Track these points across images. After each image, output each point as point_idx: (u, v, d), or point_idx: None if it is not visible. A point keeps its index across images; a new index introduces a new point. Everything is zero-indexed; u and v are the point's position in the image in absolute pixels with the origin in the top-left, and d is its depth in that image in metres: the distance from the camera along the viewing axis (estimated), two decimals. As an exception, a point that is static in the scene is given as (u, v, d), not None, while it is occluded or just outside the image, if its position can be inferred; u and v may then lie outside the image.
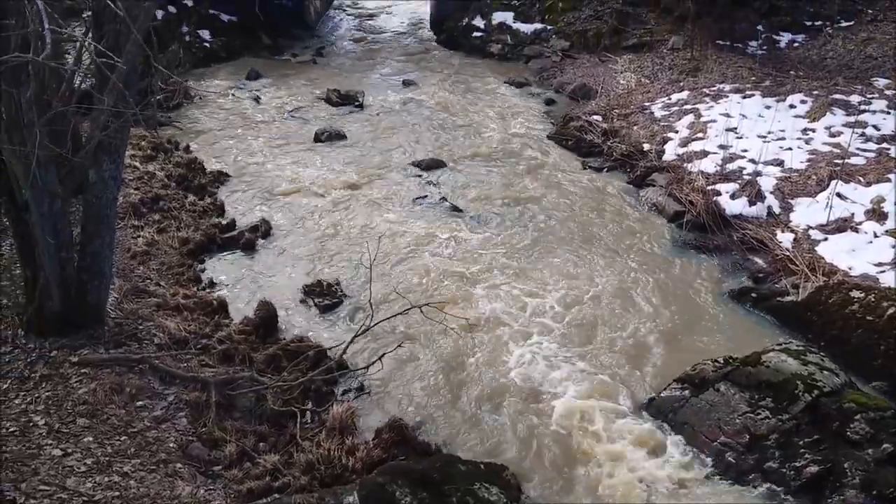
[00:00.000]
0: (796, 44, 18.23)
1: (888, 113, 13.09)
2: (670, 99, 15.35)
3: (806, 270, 9.16)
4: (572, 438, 7.05)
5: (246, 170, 13.06)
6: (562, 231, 10.97)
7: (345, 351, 7.73)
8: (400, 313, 8.11)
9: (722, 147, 12.54)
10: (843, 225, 9.95)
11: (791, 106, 13.91)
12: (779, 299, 9.03)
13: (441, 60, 20.87)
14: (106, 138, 6.65)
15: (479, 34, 21.70)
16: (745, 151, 12.33)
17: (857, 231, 9.76)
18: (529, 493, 6.46)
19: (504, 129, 15.24)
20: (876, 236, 9.60)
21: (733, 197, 10.97)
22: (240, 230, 10.69)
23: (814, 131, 12.86)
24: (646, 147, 13.33)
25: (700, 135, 13.23)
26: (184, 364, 7.39)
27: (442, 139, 14.71)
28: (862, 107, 13.33)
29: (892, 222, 9.78)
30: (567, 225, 11.16)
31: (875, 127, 12.64)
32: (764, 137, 12.72)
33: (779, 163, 11.86)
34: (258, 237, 10.56)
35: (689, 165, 12.11)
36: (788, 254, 9.66)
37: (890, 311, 7.95)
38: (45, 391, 6.46)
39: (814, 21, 18.89)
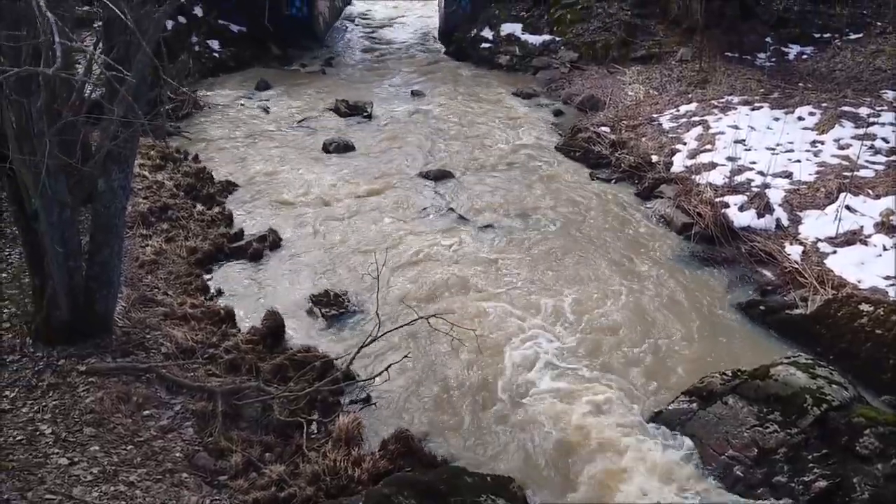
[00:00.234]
0: (805, 56, 18.22)
1: (897, 125, 13.06)
2: (679, 110, 15.34)
3: (815, 283, 9.11)
4: (579, 451, 7.01)
5: (254, 179, 13.10)
6: (569, 242, 10.96)
7: (351, 361, 7.72)
8: (407, 324, 8.11)
9: (730, 159, 12.51)
10: (852, 238, 9.90)
11: (800, 118, 13.89)
12: (787, 312, 8.99)
13: (449, 71, 20.93)
14: (115, 148, 6.68)
15: (488, 45, 21.77)
16: (754, 163, 12.30)
17: (867, 244, 9.71)
18: (536, 506, 6.44)
19: (512, 140, 15.26)
20: (885, 249, 9.54)
21: (742, 209, 10.94)
22: (248, 240, 10.71)
23: (822, 143, 12.83)
24: (654, 158, 13.31)
25: (708, 146, 13.21)
26: (190, 373, 7.40)
27: (450, 150, 14.73)
28: (871, 119, 13.29)
29: (902, 235, 9.74)
30: (575, 236, 11.14)
31: (884, 139, 12.57)
32: (772, 149, 12.68)
33: (787, 175, 11.83)
34: (266, 247, 10.58)
35: (698, 177, 12.09)
36: (797, 266, 9.61)
37: (899, 325, 7.91)
38: (53, 400, 6.47)
39: (822, 33, 18.88)
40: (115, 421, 6.38)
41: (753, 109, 14.55)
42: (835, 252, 9.76)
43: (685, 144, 13.60)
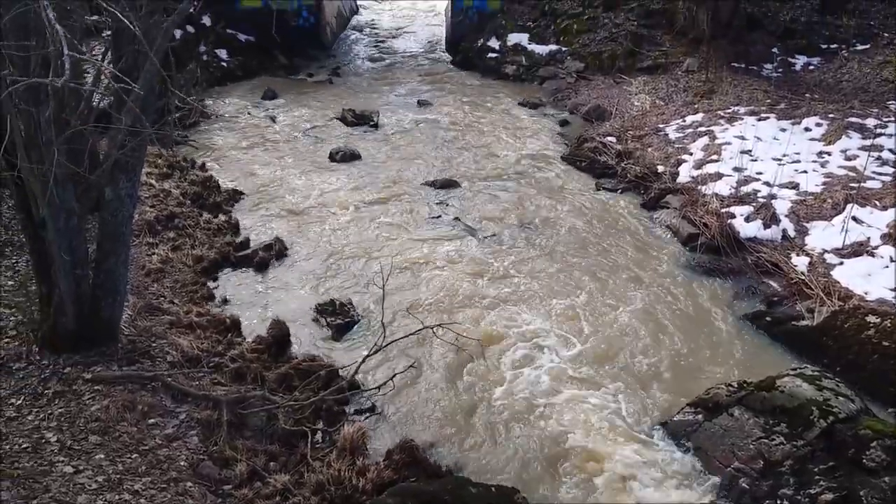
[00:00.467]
0: (812, 67, 18.21)
1: (904, 136, 13.04)
2: (685, 121, 15.33)
3: (821, 295, 9.09)
4: (584, 462, 7.00)
5: (261, 188, 13.13)
6: (575, 252, 10.95)
7: (356, 371, 7.73)
8: (412, 333, 8.13)
9: (736, 169, 12.50)
10: (859, 249, 9.87)
11: (806, 129, 13.88)
12: (793, 323, 8.97)
13: (456, 81, 20.97)
14: (123, 157, 6.71)
15: (494, 55, 21.79)
16: (760, 174, 12.29)
17: (874, 255, 9.67)
18: (540, 517, 6.43)
19: (518, 150, 15.27)
20: (892, 261, 9.51)
21: (748, 220, 10.92)
22: (254, 248, 10.73)
23: (829, 154, 12.81)
24: (660, 169, 13.31)
25: (714, 157, 13.20)
26: (196, 382, 7.41)
27: (456, 159, 14.75)
28: (878, 130, 13.27)
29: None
30: (581, 246, 11.14)
31: (891, 150, 12.56)
32: (779, 160, 12.66)
33: (794, 186, 11.81)
34: (272, 256, 10.60)
35: (704, 188, 12.07)
36: (803, 277, 9.59)
37: (906, 337, 7.89)
38: (58, 408, 6.48)
39: (829, 44, 18.88)
40: (121, 429, 6.39)
41: (760, 120, 14.54)
42: (841, 263, 9.73)
43: (691, 155, 13.59)
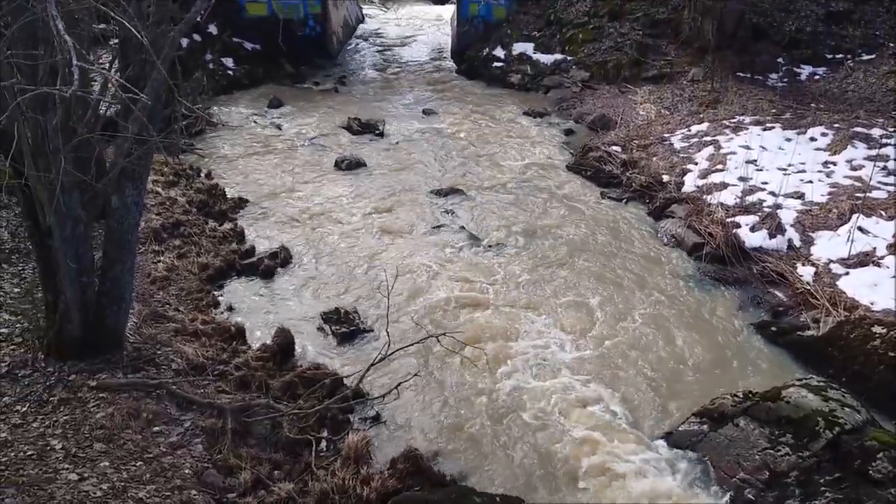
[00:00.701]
0: (817, 76, 18.22)
1: (910, 147, 13.02)
2: (690, 130, 15.34)
3: (827, 305, 9.06)
4: (589, 472, 6.98)
5: (266, 196, 13.16)
6: (580, 261, 10.94)
7: (361, 379, 7.73)
8: (417, 342, 8.12)
9: (742, 179, 12.50)
10: (865, 259, 9.85)
11: (812, 139, 13.87)
12: (799, 334, 8.94)
13: (461, 90, 21.02)
14: (129, 165, 6.73)
15: (500, 64, 21.86)
16: (766, 184, 12.28)
17: (879, 266, 9.65)
18: (545, 527, 6.40)
19: (523, 159, 15.29)
20: (898, 271, 9.50)
21: (753, 229, 10.91)
22: (259, 256, 10.75)
23: (835, 164, 12.80)
24: (665, 178, 13.31)
25: (720, 167, 13.20)
26: (201, 390, 7.41)
27: (461, 168, 14.77)
28: (883, 140, 13.25)
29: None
30: (586, 255, 11.13)
31: (897, 160, 12.57)
32: (784, 170, 12.66)
33: (799, 196, 11.80)
34: (277, 264, 10.62)
35: (709, 197, 12.07)
36: (809, 288, 9.57)
37: (913, 348, 7.85)
38: (63, 415, 6.49)
39: (835, 54, 18.89)
40: (125, 437, 6.39)
41: (765, 130, 14.54)
42: (847, 273, 9.71)
43: (696, 164, 13.59)
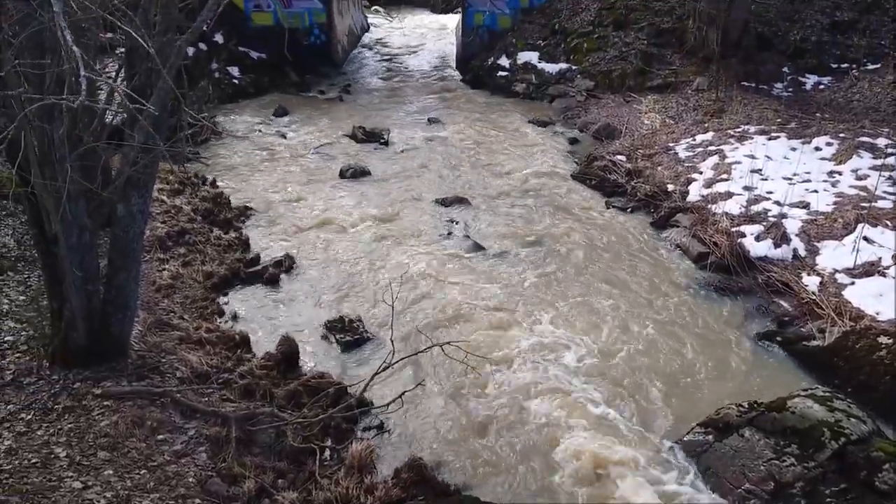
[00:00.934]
0: (822, 86, 18.22)
1: (916, 156, 13.00)
2: (695, 140, 15.34)
3: (832, 315, 9.04)
4: (593, 483, 6.96)
5: (271, 205, 13.19)
6: (585, 271, 10.94)
7: (365, 388, 7.72)
8: (421, 351, 8.12)
9: (747, 188, 12.49)
10: (871, 269, 9.83)
11: (817, 148, 13.86)
12: (804, 343, 8.91)
13: (466, 99, 21.06)
14: (135, 173, 6.75)
15: (504, 73, 21.90)
16: (771, 193, 12.27)
17: (885, 275, 9.62)
18: (549, 537, 6.39)
19: (528, 168, 15.29)
20: (904, 281, 9.48)
21: (758, 239, 10.90)
22: (264, 265, 10.77)
23: (840, 174, 12.78)
24: (670, 188, 13.30)
25: (725, 176, 13.20)
26: (205, 398, 7.41)
27: (466, 177, 14.79)
28: (889, 150, 13.24)
29: (921, 267, 9.66)
30: (590, 265, 11.12)
31: (902, 170, 12.54)
32: (789, 179, 12.65)
33: (804, 205, 11.78)
34: (282, 272, 10.64)
35: (714, 207, 12.06)
36: (814, 297, 9.55)
37: (919, 358, 7.83)
38: (68, 423, 6.50)
39: (840, 63, 18.88)
40: (130, 445, 6.40)
41: (770, 139, 14.53)
42: (853, 283, 9.69)
43: (701, 173, 13.59)
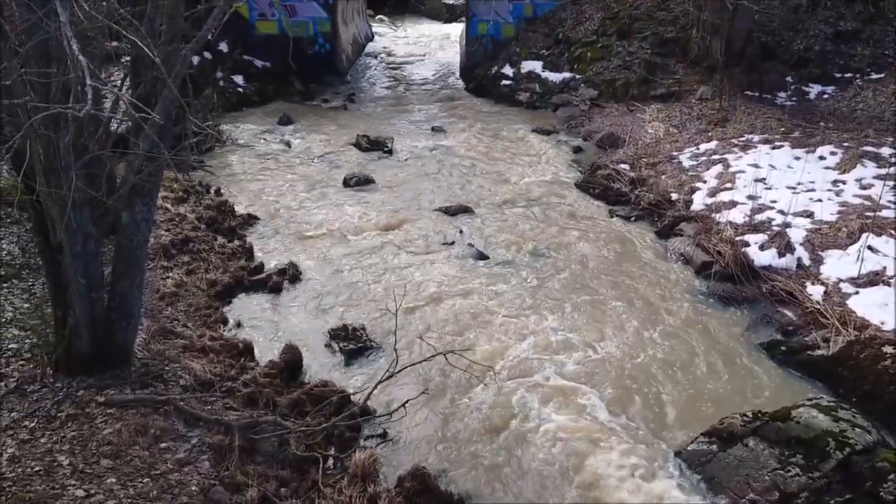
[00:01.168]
0: (826, 95, 18.21)
1: (920, 165, 12.98)
2: (698, 149, 15.33)
3: (837, 324, 9.02)
4: (596, 491, 6.94)
5: (275, 213, 13.21)
6: (589, 280, 10.93)
7: (368, 397, 7.71)
8: (425, 360, 8.11)
9: (751, 198, 12.48)
10: (875, 278, 9.80)
11: (821, 157, 13.84)
12: (809, 353, 8.89)
13: (470, 108, 21.09)
14: (140, 181, 6.77)
15: (508, 82, 21.93)
16: (775, 202, 12.25)
17: (889, 285, 9.59)
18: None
19: (531, 177, 15.29)
20: (909, 290, 9.45)
21: (762, 248, 10.88)
22: (268, 273, 10.78)
23: (844, 183, 12.76)
24: (674, 196, 13.29)
25: (728, 185, 13.19)
26: (208, 406, 7.41)
27: (469, 185, 14.80)
28: (893, 159, 13.21)
29: (926, 277, 9.63)
30: (594, 274, 11.11)
31: (906, 179, 12.52)
32: (793, 188, 12.64)
33: (808, 214, 11.77)
34: (285, 280, 10.64)
35: (718, 216, 12.05)
36: (819, 307, 9.52)
37: (924, 368, 7.80)
38: (71, 431, 6.50)
39: (843, 73, 18.88)
40: (132, 453, 6.39)
41: (774, 148, 14.51)
42: (857, 293, 9.66)
43: (705, 183, 13.58)
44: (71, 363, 7.12)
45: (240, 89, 20.84)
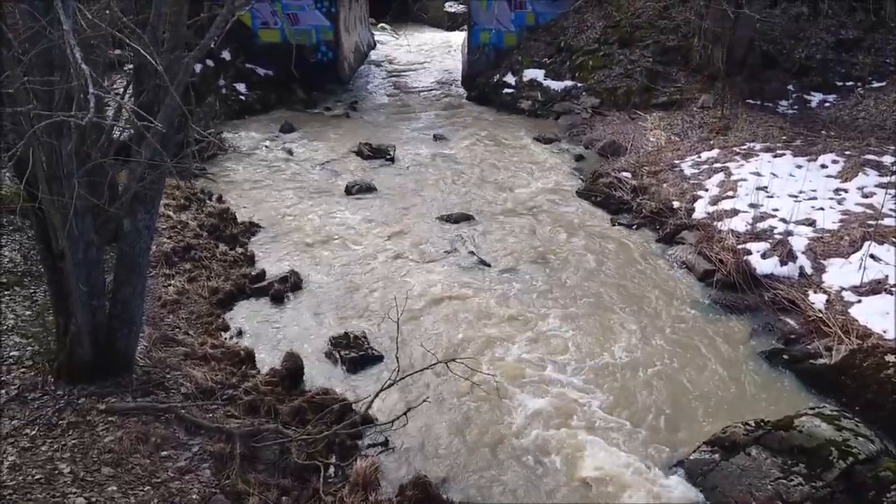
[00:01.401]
0: (827, 104, 18.21)
1: (922, 174, 12.97)
2: (700, 157, 15.33)
3: (839, 333, 8.99)
4: (599, 500, 6.92)
5: (277, 221, 13.22)
6: (590, 288, 10.92)
7: (370, 405, 7.70)
8: (426, 368, 8.10)
9: (752, 206, 12.47)
10: (878, 287, 9.79)
11: (823, 166, 13.85)
12: (811, 362, 8.86)
13: (472, 116, 21.11)
14: (142, 189, 6.78)
15: (510, 91, 21.95)
16: (776, 211, 12.25)
17: (892, 293, 9.58)
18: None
19: (533, 185, 15.31)
20: (911, 299, 9.44)
21: (764, 256, 10.87)
22: (269, 281, 10.77)
23: (846, 191, 12.76)
24: (675, 205, 13.29)
25: (730, 193, 13.18)
26: (209, 414, 7.40)
27: (471, 194, 14.81)
28: (895, 167, 13.22)
29: (928, 285, 9.62)
30: (596, 282, 11.11)
31: (909, 188, 12.51)
32: (795, 197, 12.63)
33: (810, 223, 11.75)
34: (287, 288, 10.63)
35: (720, 224, 12.04)
36: (821, 315, 9.50)
37: (927, 377, 7.78)
38: (72, 439, 6.49)
39: (845, 81, 18.89)
40: (134, 461, 6.38)
41: (776, 156, 14.52)
42: (860, 301, 9.64)
43: (707, 191, 13.58)
44: (72, 371, 7.12)
45: (242, 97, 20.88)
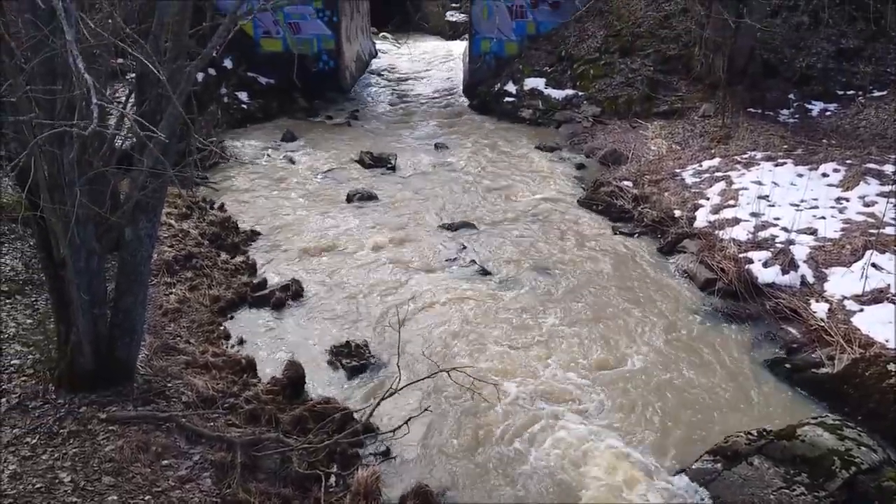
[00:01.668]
0: (828, 112, 18.22)
1: (923, 183, 12.97)
2: (701, 166, 15.35)
3: (841, 342, 8.98)
4: (601, 510, 6.91)
5: (278, 229, 13.23)
6: (592, 297, 10.91)
7: (371, 414, 7.69)
8: (427, 377, 8.09)
9: (754, 215, 12.47)
10: (879, 296, 9.77)
11: (824, 174, 13.85)
12: (813, 371, 8.84)
13: (473, 125, 21.14)
14: (144, 198, 6.78)
15: (511, 99, 21.99)
16: (778, 219, 12.25)
17: (894, 302, 9.56)
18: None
19: (534, 193, 15.32)
20: (913, 308, 9.42)
21: (766, 265, 10.86)
22: (270, 289, 10.77)
23: (847, 200, 12.77)
24: (677, 213, 13.29)
25: (731, 202, 13.19)
26: (210, 423, 7.38)
27: (472, 202, 14.82)
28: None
29: (930, 294, 9.60)
30: (597, 291, 11.10)
31: (910, 197, 12.51)
32: (796, 206, 12.64)
33: (812, 231, 11.75)
34: (288, 296, 10.63)
35: (721, 233, 12.04)
36: (823, 324, 9.49)
37: (929, 386, 7.76)
38: (73, 447, 6.47)
39: (846, 90, 18.91)
40: (134, 470, 6.36)
41: (777, 165, 14.53)
42: (861, 310, 9.63)
43: (708, 199, 13.58)
44: (73, 379, 7.11)
45: (244, 106, 20.93)
